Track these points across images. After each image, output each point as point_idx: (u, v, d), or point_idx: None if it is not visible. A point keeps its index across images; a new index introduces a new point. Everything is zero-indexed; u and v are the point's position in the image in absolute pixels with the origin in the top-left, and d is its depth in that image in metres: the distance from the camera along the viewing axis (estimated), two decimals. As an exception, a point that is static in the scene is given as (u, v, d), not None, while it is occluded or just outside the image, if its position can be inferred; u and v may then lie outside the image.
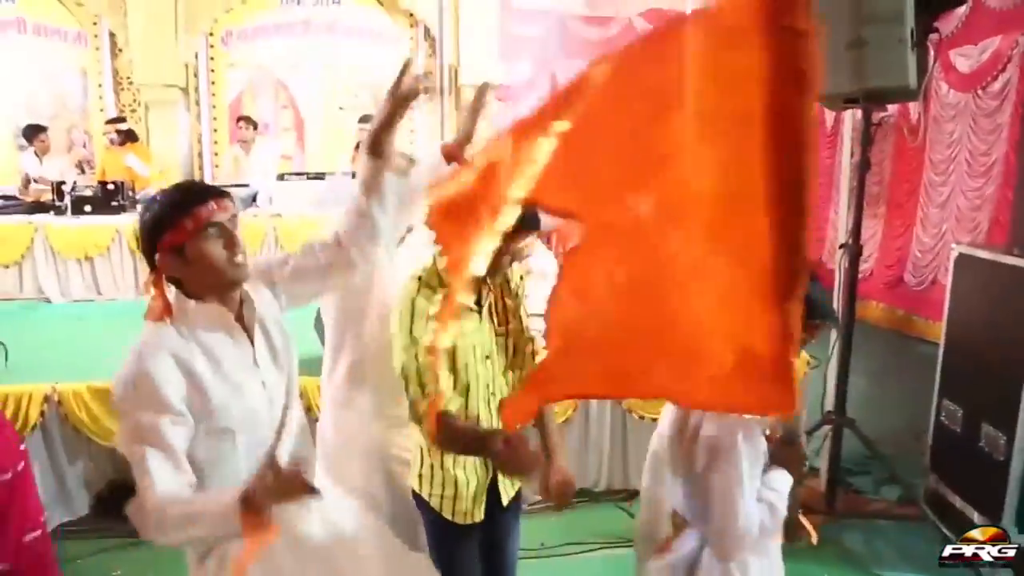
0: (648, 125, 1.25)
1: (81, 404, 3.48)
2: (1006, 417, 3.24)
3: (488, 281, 2.05)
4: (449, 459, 2.09)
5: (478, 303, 2.06)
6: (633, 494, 3.80)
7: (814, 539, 2.04)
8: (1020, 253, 3.28)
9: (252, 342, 1.68)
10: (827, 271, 8.00)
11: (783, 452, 1.93)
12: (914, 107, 7.42)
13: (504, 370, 2.15)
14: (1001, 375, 3.28)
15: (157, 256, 1.58)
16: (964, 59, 6.78)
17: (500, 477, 2.16)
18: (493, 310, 2.12)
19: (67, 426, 3.52)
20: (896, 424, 4.62)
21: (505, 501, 2.20)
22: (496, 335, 2.12)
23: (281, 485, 1.36)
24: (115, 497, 3.73)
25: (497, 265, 1.96)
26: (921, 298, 7.01)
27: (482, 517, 2.14)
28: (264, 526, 1.37)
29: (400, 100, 1.78)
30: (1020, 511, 3.24)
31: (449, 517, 2.11)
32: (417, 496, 2.17)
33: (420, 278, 2.01)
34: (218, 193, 1.61)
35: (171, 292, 1.63)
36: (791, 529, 2.02)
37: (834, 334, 3.61)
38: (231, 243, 1.59)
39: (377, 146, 1.81)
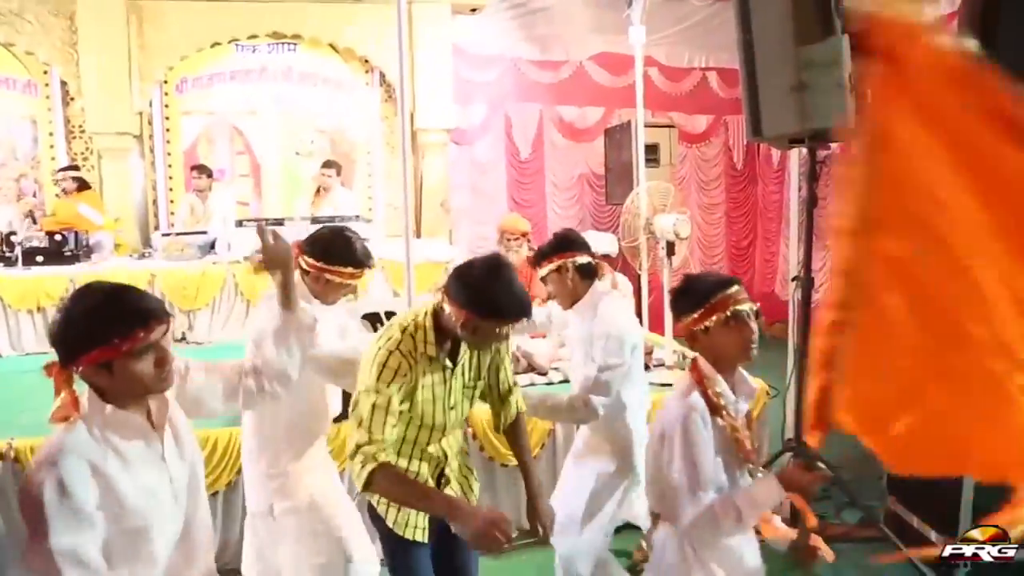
0: None
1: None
2: (956, 439, 3.37)
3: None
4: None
5: (454, 360, 2.20)
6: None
7: (829, 557, 2.08)
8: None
9: (162, 440, 1.69)
10: (781, 303, 8.21)
11: (796, 475, 1.99)
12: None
13: (463, 418, 2.31)
14: (949, 398, 3.41)
15: (79, 364, 1.56)
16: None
17: (455, 492, 2.32)
18: (467, 367, 2.26)
19: (15, 485, 3.43)
20: (854, 450, 4.73)
21: None
22: (464, 387, 2.26)
23: None
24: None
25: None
26: (870, 327, 7.24)
27: (430, 537, 2.25)
28: None
29: (276, 264, 2.07)
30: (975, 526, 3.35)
31: (400, 534, 2.22)
32: (372, 510, 2.28)
33: (404, 329, 2.12)
34: (159, 314, 1.60)
35: (80, 390, 1.61)
36: (802, 552, 2.07)
37: (791, 363, 3.73)
38: (162, 361, 1.61)
39: (287, 301, 2.09)
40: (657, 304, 5.73)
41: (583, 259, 2.90)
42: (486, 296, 1.98)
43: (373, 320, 3.71)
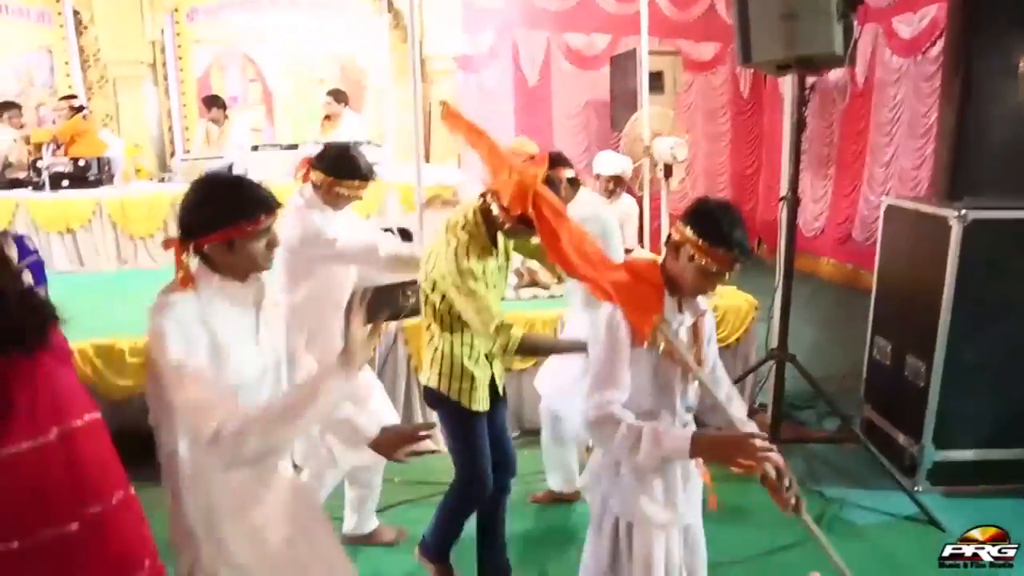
0: None
1: (86, 360, 3.73)
2: (926, 348, 3.65)
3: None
4: (469, 360, 2.66)
5: (496, 247, 2.67)
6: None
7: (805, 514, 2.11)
8: (938, 203, 3.66)
9: (257, 317, 1.93)
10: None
11: (710, 443, 1.96)
12: (860, 72, 7.82)
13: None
14: (923, 311, 3.68)
15: (205, 241, 1.78)
16: (905, 26, 7.17)
17: (496, 373, 2.77)
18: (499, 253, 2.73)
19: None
20: (839, 367, 5.05)
21: (500, 392, 2.82)
22: (499, 269, 2.72)
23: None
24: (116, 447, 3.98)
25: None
26: (868, 253, 7.40)
27: (488, 406, 2.74)
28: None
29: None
30: (937, 430, 3.66)
31: (467, 406, 2.67)
32: (435, 392, 2.69)
33: (465, 227, 2.58)
34: (275, 203, 1.85)
35: (193, 262, 1.83)
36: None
37: (777, 278, 3.97)
38: (272, 244, 1.85)
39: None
40: (656, 228, 5.95)
41: (570, 173, 3.44)
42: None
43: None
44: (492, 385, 2.77)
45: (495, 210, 2.53)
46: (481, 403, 2.71)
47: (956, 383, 3.60)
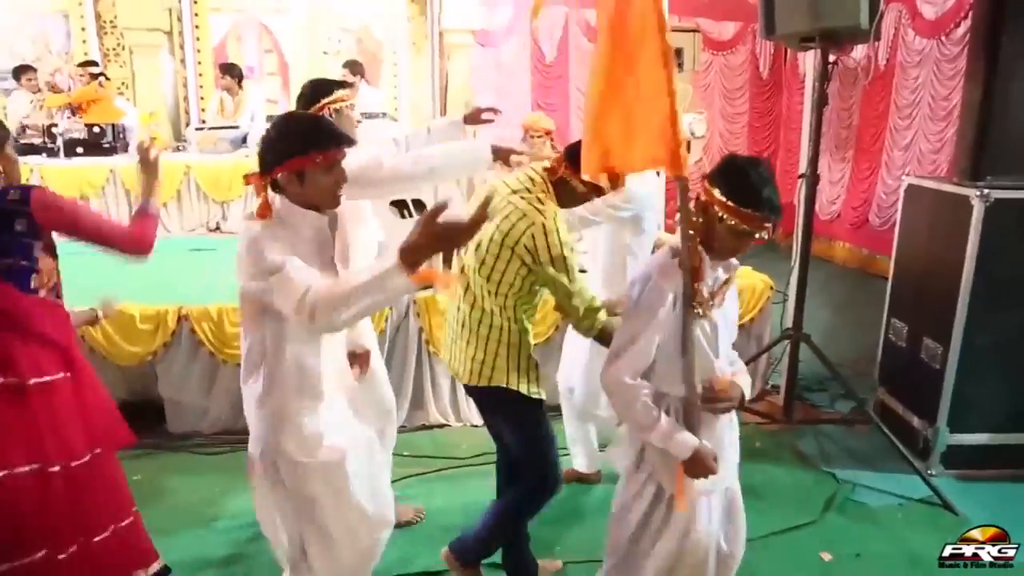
0: None
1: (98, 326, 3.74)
2: (944, 330, 3.60)
3: None
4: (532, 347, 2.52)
5: None
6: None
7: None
8: (959, 182, 3.60)
9: (333, 245, 2.02)
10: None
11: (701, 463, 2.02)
12: (882, 54, 7.70)
13: None
14: (941, 293, 3.63)
15: (278, 171, 1.89)
16: (930, 6, 7.04)
17: None
18: None
19: (83, 346, 3.76)
20: (853, 351, 5.01)
21: None
22: None
23: (436, 232, 1.61)
24: (127, 413, 4.00)
25: None
26: (884, 238, 7.35)
27: None
28: (427, 273, 1.65)
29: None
30: (952, 413, 3.63)
31: (534, 395, 2.50)
32: (503, 391, 2.48)
33: (541, 201, 2.37)
34: (347, 141, 1.95)
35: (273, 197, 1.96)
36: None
37: (794, 258, 3.93)
38: (340, 180, 1.94)
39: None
40: (672, 208, 5.89)
41: None
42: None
43: (400, 207, 3.93)
44: None
45: (573, 182, 2.39)
46: (542, 392, 2.54)
47: (973, 366, 3.56)
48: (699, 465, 2.01)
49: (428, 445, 3.91)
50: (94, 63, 7.49)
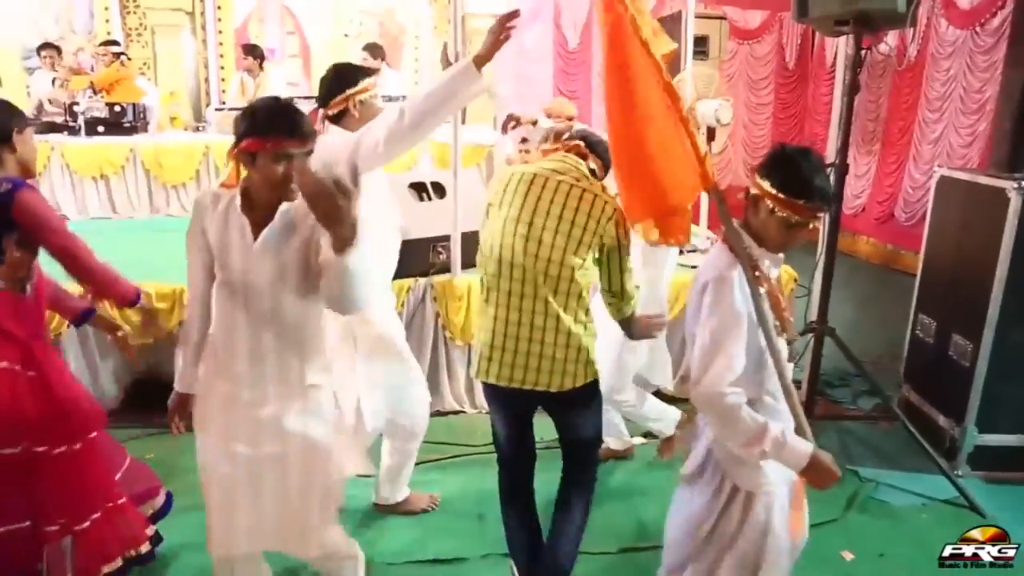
0: None
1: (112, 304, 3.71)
2: (974, 327, 3.50)
3: None
4: None
5: None
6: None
7: None
8: (994, 173, 3.49)
9: (256, 235, 1.96)
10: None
11: (823, 473, 1.88)
12: (913, 46, 7.53)
13: None
14: (972, 288, 3.53)
15: (237, 148, 1.93)
16: (964, -4, 6.87)
17: None
18: None
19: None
20: (877, 347, 4.90)
21: None
22: None
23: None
24: (141, 392, 4.01)
25: None
26: (910, 233, 7.22)
27: None
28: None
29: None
30: (981, 412, 3.53)
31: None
32: (591, 384, 2.44)
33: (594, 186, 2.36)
34: (304, 133, 1.91)
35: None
36: None
37: (819, 250, 3.83)
38: (289, 176, 1.89)
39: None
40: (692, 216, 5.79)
41: None
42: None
43: (419, 189, 3.88)
44: None
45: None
46: None
47: (1004, 364, 3.45)
48: (822, 473, 1.84)
49: (443, 432, 3.86)
50: (115, 43, 7.49)
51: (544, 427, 2.61)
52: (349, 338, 2.83)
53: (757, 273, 1.92)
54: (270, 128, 1.87)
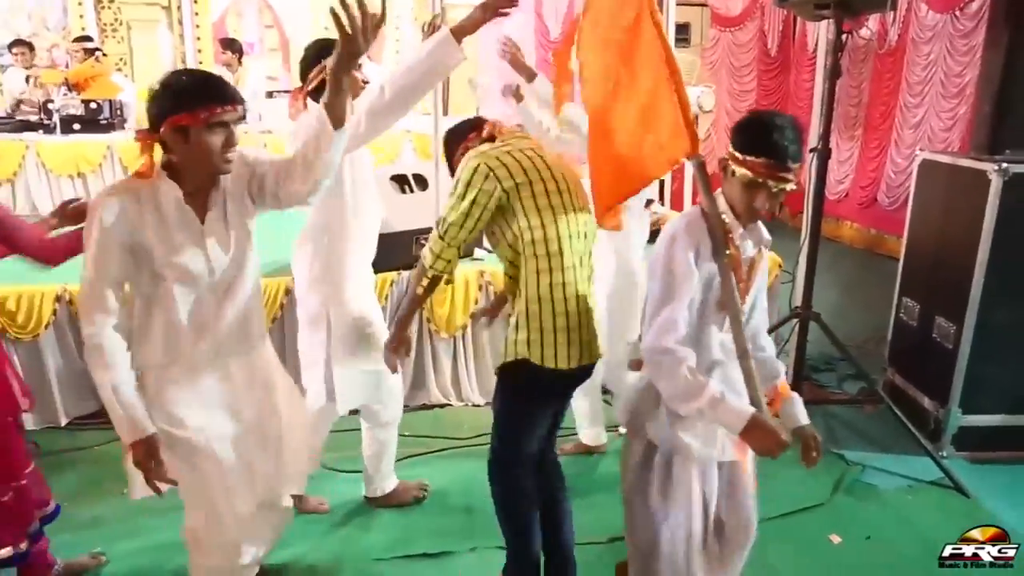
0: None
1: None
2: (957, 309, 3.51)
3: None
4: None
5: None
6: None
7: None
8: (975, 156, 3.50)
9: (203, 221, 1.93)
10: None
11: (765, 436, 1.85)
12: (893, 30, 7.54)
13: None
14: (955, 271, 3.54)
15: (163, 125, 1.80)
16: (944, -21, 6.88)
17: None
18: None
19: (77, 325, 3.71)
20: (861, 331, 4.92)
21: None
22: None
23: None
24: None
25: None
26: (892, 218, 7.26)
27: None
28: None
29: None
30: (965, 393, 3.54)
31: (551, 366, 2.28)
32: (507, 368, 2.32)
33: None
34: (237, 99, 1.85)
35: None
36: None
37: (803, 235, 3.83)
38: (229, 142, 1.84)
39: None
40: (678, 188, 5.81)
41: None
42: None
43: (401, 181, 3.85)
44: None
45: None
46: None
47: (987, 345, 3.47)
48: (764, 436, 1.81)
49: (429, 425, 3.85)
50: (88, 38, 7.40)
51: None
52: (322, 319, 2.78)
53: (729, 244, 1.92)
54: (201, 98, 1.78)
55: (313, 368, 2.83)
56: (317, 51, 2.64)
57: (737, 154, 1.89)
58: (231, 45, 7.33)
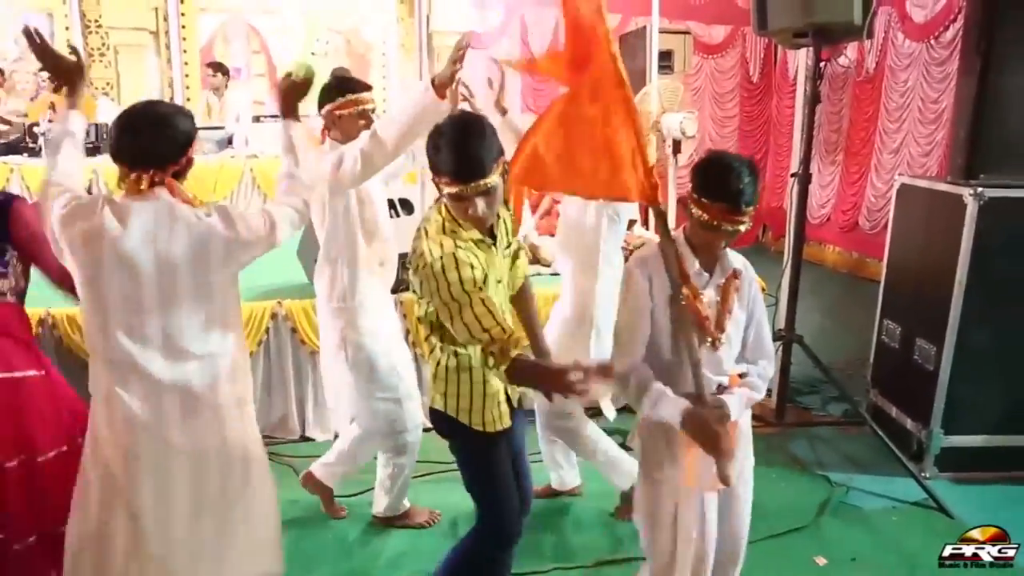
0: None
1: (75, 327, 3.64)
2: (937, 331, 3.56)
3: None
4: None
5: (492, 235, 2.13)
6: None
7: None
8: (953, 180, 3.57)
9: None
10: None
11: (699, 422, 1.95)
12: (871, 57, 7.69)
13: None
14: (934, 293, 3.59)
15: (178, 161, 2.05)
16: (919, 9, 7.03)
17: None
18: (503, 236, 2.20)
19: (62, 348, 3.69)
20: (844, 354, 4.96)
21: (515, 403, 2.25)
22: (503, 259, 2.18)
23: None
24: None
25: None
26: (873, 241, 7.35)
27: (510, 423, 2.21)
28: None
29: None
30: (946, 414, 3.58)
31: (491, 430, 2.15)
32: (444, 422, 2.20)
33: (444, 228, 2.03)
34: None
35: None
36: None
37: (786, 259, 3.89)
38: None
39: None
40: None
41: None
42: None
43: (388, 206, 3.86)
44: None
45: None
46: (505, 419, 2.20)
47: (967, 367, 3.52)
48: (702, 427, 1.92)
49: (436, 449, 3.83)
50: None
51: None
52: (342, 346, 2.90)
53: (684, 289, 1.98)
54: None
55: (338, 394, 2.95)
56: (340, 85, 2.92)
57: (695, 195, 1.97)
58: (219, 68, 7.37)
